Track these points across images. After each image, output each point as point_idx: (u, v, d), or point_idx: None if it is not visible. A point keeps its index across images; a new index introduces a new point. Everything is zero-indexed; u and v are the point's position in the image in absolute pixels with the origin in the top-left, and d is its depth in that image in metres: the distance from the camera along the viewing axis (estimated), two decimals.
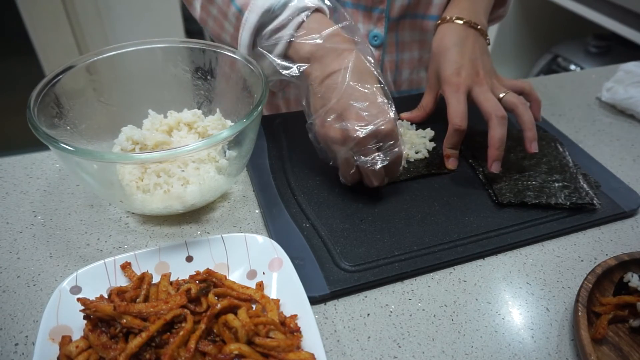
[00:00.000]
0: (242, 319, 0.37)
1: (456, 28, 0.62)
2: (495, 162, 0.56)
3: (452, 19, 0.63)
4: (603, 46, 1.78)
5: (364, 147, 0.49)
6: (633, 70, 0.78)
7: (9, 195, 0.55)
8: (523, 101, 0.59)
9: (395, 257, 0.48)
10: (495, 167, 0.56)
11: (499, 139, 0.55)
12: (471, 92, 0.59)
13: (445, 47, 0.61)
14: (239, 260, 0.46)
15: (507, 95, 0.59)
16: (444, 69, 0.60)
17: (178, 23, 2.12)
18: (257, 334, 0.37)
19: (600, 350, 0.42)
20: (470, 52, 0.60)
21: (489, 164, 0.56)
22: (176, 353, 0.35)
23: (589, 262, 0.51)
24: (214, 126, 0.56)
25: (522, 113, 0.58)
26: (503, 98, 0.59)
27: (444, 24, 0.63)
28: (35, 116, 0.45)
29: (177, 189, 0.49)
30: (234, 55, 0.55)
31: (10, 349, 0.40)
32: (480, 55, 0.61)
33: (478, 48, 0.61)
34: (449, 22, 0.63)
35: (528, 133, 0.57)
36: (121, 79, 0.59)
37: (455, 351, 0.42)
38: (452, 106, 0.58)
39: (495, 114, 0.56)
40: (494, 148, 0.56)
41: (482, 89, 0.58)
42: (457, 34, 0.61)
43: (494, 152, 0.56)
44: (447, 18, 0.63)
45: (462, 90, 0.58)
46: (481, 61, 0.61)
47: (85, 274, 0.42)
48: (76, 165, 0.45)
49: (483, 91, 0.58)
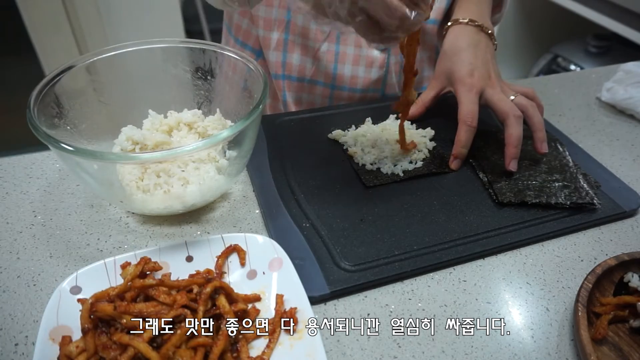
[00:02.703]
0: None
1: (469, 31, 0.63)
2: (514, 160, 0.57)
3: (466, 22, 0.64)
4: (603, 46, 1.78)
5: None
6: (633, 70, 0.78)
7: (9, 195, 0.55)
8: (532, 103, 0.60)
9: (395, 256, 0.48)
10: (513, 165, 0.57)
11: (517, 137, 0.57)
12: (484, 94, 0.60)
13: (460, 47, 0.62)
14: (239, 260, 0.46)
15: (517, 97, 0.60)
16: (457, 69, 0.61)
17: (178, 23, 2.12)
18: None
19: (600, 350, 0.42)
20: (483, 56, 0.62)
21: (506, 162, 0.57)
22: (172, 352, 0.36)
23: (589, 262, 0.51)
24: (214, 126, 0.56)
25: (533, 115, 0.59)
26: (513, 100, 0.60)
27: (456, 26, 0.64)
28: (35, 116, 0.45)
29: (177, 189, 0.49)
30: (234, 56, 0.55)
31: (10, 349, 0.40)
32: (491, 60, 0.62)
33: (489, 52, 0.63)
34: (461, 24, 0.64)
35: (539, 134, 0.59)
36: (121, 79, 0.59)
37: (455, 351, 0.42)
38: (464, 105, 0.59)
39: (512, 114, 0.57)
40: (512, 146, 0.57)
41: (495, 91, 0.60)
42: (470, 36, 0.63)
43: (512, 151, 0.57)
44: (459, 20, 0.64)
45: (475, 91, 0.59)
46: (492, 65, 0.62)
47: (85, 274, 0.42)
48: (76, 165, 0.45)
49: (496, 92, 0.60)
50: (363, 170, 0.59)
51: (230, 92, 0.60)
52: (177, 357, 0.36)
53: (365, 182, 0.57)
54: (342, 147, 0.63)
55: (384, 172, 0.59)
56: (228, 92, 0.61)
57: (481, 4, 0.66)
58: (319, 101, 0.77)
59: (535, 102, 0.63)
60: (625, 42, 1.56)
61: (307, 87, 0.76)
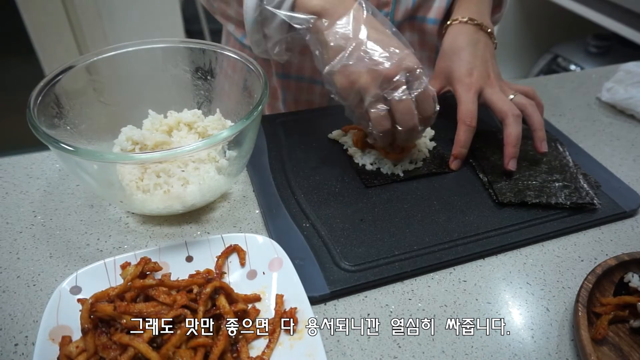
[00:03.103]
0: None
1: (468, 30, 0.63)
2: (513, 160, 0.57)
3: (465, 21, 0.63)
4: (603, 46, 1.78)
5: (393, 80, 0.50)
6: (633, 70, 0.78)
7: (9, 195, 0.55)
8: (532, 102, 0.60)
9: (395, 256, 0.48)
10: (512, 165, 0.57)
11: (516, 137, 0.57)
12: (483, 93, 0.60)
13: (459, 46, 0.62)
14: (239, 260, 0.46)
15: (517, 96, 0.60)
16: (456, 68, 0.61)
17: (178, 23, 2.12)
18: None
19: (600, 350, 0.42)
20: (482, 55, 0.61)
21: (505, 161, 0.57)
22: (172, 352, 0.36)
23: (589, 262, 0.51)
24: (214, 126, 0.56)
25: (532, 114, 0.59)
26: (513, 100, 0.60)
27: (455, 25, 0.64)
28: (35, 116, 0.45)
29: (177, 189, 0.49)
30: (234, 56, 0.55)
31: (10, 349, 0.40)
32: (490, 59, 0.62)
33: (488, 52, 0.63)
34: (461, 23, 0.64)
35: (539, 133, 0.59)
36: (121, 79, 0.59)
37: (455, 351, 0.42)
38: (463, 105, 0.59)
39: (511, 113, 0.57)
40: (511, 146, 0.57)
41: (494, 90, 0.60)
42: (469, 35, 0.62)
43: (510, 150, 0.57)
44: (458, 19, 0.64)
45: (473, 90, 0.59)
46: (491, 64, 0.62)
47: (85, 274, 0.42)
48: (76, 165, 0.45)
49: (495, 92, 0.59)
50: (363, 170, 0.59)
51: (230, 92, 0.60)
52: (177, 357, 0.36)
53: (365, 182, 0.57)
54: (342, 147, 0.63)
55: (384, 172, 0.59)
56: (228, 92, 0.61)
57: (481, 4, 0.66)
58: (318, 101, 0.77)
59: (536, 101, 0.63)
60: (625, 42, 1.56)
61: (306, 87, 0.75)
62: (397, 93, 0.50)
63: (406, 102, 0.51)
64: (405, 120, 0.52)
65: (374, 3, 0.68)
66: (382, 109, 0.51)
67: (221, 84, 0.60)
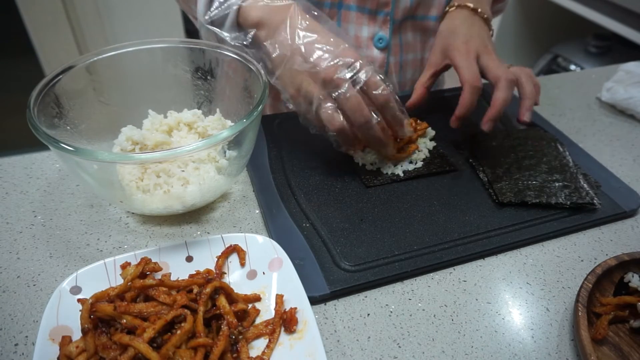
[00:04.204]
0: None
1: (464, 13, 0.64)
2: (490, 122, 0.56)
3: (461, 6, 0.65)
4: (603, 46, 1.78)
5: (334, 79, 0.49)
6: (633, 70, 0.78)
7: (9, 195, 0.55)
8: (529, 73, 0.60)
9: (395, 256, 0.48)
10: (488, 126, 0.56)
11: (503, 100, 0.56)
12: (479, 60, 0.60)
13: (455, 25, 0.63)
14: (239, 260, 0.46)
15: (513, 67, 0.60)
16: (453, 41, 0.61)
17: (178, 23, 2.12)
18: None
19: (600, 350, 0.42)
20: (478, 31, 0.62)
21: (483, 120, 0.57)
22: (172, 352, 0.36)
23: (589, 262, 0.51)
24: (214, 126, 0.56)
25: (525, 83, 0.59)
26: (509, 69, 0.60)
27: (452, 11, 0.66)
28: (35, 116, 0.45)
29: (177, 189, 0.49)
30: (234, 56, 0.55)
31: (10, 349, 0.40)
32: (487, 37, 0.63)
33: (484, 32, 0.63)
34: (458, 8, 0.65)
35: (526, 102, 0.58)
36: (121, 79, 0.59)
37: (455, 351, 0.42)
38: (464, 69, 0.58)
39: (505, 77, 0.56)
40: (494, 108, 0.56)
41: (491, 57, 0.60)
42: (465, 17, 0.64)
43: (492, 112, 0.56)
44: (455, 5, 0.65)
45: (472, 56, 0.59)
46: (488, 40, 0.62)
47: (85, 274, 0.42)
48: (76, 165, 0.45)
49: (492, 58, 0.59)
50: (363, 170, 0.59)
51: (230, 92, 0.60)
52: (177, 357, 0.36)
53: (365, 182, 0.57)
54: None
55: (384, 172, 0.59)
56: (228, 92, 0.61)
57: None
58: None
59: (533, 80, 0.63)
60: (625, 42, 1.56)
61: None
62: (341, 90, 0.50)
63: (352, 97, 0.50)
64: (356, 115, 0.51)
65: (373, 4, 0.68)
66: (329, 107, 0.51)
67: (221, 84, 0.60)
